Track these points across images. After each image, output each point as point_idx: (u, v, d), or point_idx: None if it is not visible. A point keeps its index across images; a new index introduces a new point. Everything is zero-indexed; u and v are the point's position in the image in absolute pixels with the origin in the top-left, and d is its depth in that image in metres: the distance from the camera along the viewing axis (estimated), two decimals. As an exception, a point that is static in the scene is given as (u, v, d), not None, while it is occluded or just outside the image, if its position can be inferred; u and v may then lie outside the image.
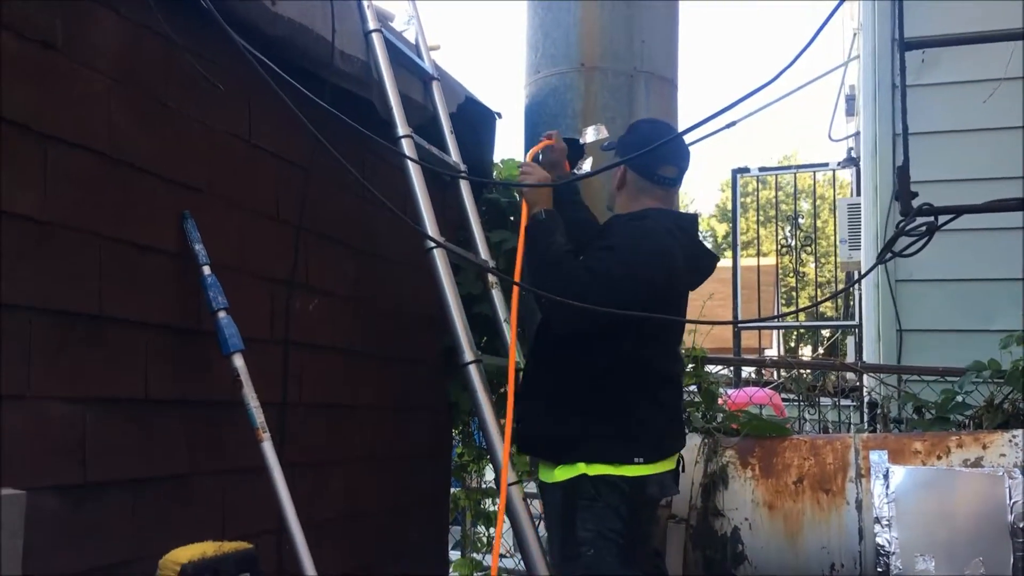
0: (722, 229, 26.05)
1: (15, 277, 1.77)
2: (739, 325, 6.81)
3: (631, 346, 2.46)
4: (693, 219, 2.73)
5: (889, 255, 2.41)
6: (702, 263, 2.64)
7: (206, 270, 2.17)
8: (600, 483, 2.41)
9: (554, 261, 2.44)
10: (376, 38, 2.84)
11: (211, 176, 2.34)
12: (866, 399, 4.31)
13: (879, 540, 2.73)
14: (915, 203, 2.47)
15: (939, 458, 2.81)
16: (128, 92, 2.07)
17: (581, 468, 2.42)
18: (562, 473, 2.46)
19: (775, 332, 11.16)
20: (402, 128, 2.77)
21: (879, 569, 2.71)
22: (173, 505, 2.16)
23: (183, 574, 1.85)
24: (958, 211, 2.54)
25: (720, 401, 3.60)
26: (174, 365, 2.18)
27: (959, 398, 3.33)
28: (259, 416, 2.15)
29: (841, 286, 7.35)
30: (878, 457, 2.86)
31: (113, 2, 2.03)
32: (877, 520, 2.76)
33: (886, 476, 2.81)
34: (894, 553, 2.70)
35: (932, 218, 2.43)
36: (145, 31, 2.12)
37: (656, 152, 2.52)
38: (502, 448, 2.56)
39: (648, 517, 2.71)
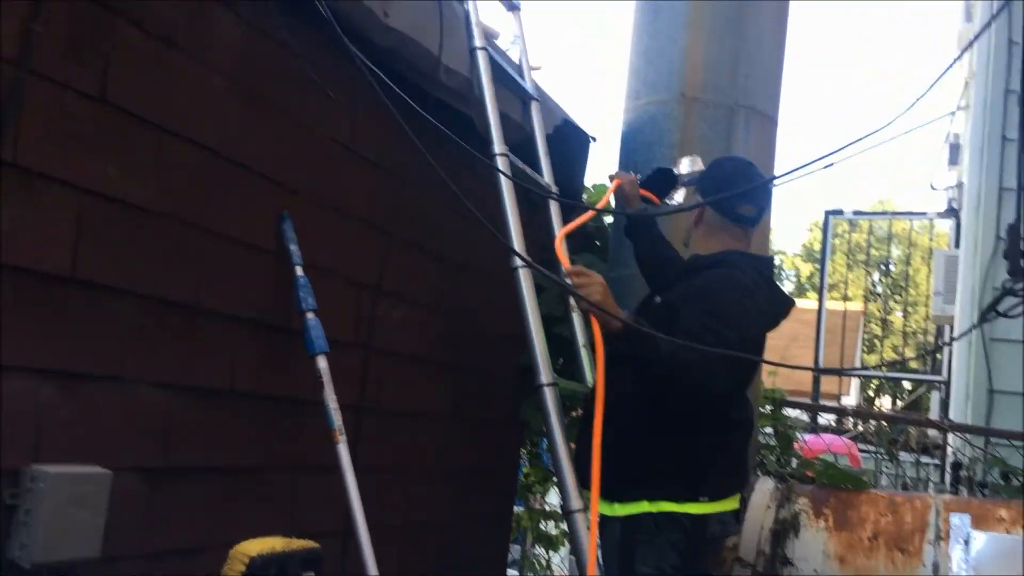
0: (806, 269, 25.52)
1: (120, 262, 1.84)
2: (822, 372, 6.63)
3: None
4: (770, 262, 2.70)
5: (993, 314, 2.33)
6: (778, 308, 2.59)
7: (299, 270, 2.22)
8: (662, 519, 2.36)
9: (678, 360, 2.25)
10: (481, 55, 2.86)
11: (311, 179, 2.39)
12: (949, 459, 4.15)
13: (954, 607, 2.62)
14: (1024, 263, 2.37)
15: (1025, 528, 2.68)
16: (240, 91, 2.13)
17: (644, 506, 2.38)
18: (623, 508, 2.42)
19: (854, 379, 10.86)
20: (499, 146, 2.79)
21: (952, 638, 2.60)
22: (246, 497, 2.20)
23: (252, 565, 1.88)
24: (1069, 274, 2.44)
25: (796, 446, 3.51)
26: (260, 360, 2.22)
27: (1050, 467, 3.20)
28: (337, 418, 2.18)
29: (932, 339, 7.10)
30: (959, 520, 2.74)
31: (233, 3, 2.10)
32: (954, 586, 2.65)
33: (967, 541, 2.70)
34: (969, 623, 2.59)
35: (1042, 279, 2.34)
36: (260, 33, 2.18)
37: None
38: (568, 473, 2.53)
39: (711, 558, 2.65)
